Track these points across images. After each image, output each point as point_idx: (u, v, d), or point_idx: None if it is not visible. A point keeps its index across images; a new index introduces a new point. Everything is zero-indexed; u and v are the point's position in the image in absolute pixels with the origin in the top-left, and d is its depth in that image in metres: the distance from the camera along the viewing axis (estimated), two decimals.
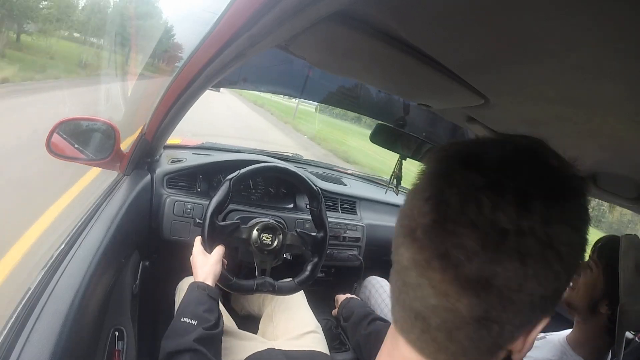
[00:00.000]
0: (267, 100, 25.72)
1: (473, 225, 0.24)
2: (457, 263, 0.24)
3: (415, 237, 0.27)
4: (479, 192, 0.25)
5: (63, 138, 0.91)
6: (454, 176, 0.26)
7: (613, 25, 0.25)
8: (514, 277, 0.24)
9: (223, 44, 0.43)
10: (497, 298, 0.24)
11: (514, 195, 0.24)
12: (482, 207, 0.24)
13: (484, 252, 0.24)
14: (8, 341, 0.48)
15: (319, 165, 1.61)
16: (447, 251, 0.25)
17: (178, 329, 0.65)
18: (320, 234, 0.98)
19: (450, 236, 0.25)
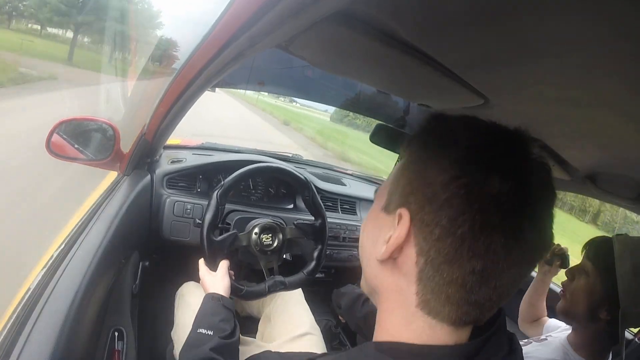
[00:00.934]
0: (261, 101, 26.02)
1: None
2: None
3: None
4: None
5: (63, 138, 0.91)
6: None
7: (613, 25, 0.25)
8: None
9: (223, 44, 0.43)
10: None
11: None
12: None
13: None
14: (8, 341, 0.48)
15: (318, 165, 1.61)
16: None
17: (195, 340, 0.66)
18: (319, 221, 0.98)
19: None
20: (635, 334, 1.01)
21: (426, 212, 0.30)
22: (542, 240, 0.31)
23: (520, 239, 0.29)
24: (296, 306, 1.01)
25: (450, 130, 0.33)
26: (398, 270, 0.33)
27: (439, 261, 0.30)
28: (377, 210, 0.37)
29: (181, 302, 0.96)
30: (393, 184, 0.36)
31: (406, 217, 0.31)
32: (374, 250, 0.35)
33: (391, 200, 0.35)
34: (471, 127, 0.32)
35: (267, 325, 0.99)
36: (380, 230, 0.35)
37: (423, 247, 0.31)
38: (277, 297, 1.02)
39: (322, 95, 1.22)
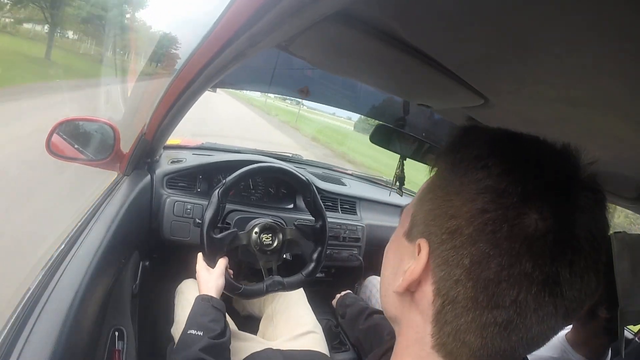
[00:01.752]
0: (275, 108, 25.53)
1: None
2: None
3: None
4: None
5: (63, 138, 0.91)
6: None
7: (613, 25, 0.25)
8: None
9: (223, 44, 0.43)
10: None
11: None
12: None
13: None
14: (8, 341, 0.48)
15: (318, 165, 1.61)
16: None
17: (185, 341, 0.66)
18: (319, 223, 0.98)
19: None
20: (635, 333, 1.01)
21: (447, 247, 0.27)
22: (583, 293, 0.26)
23: (556, 292, 0.25)
24: (298, 305, 1.01)
25: (482, 149, 0.28)
26: (415, 306, 0.30)
27: (457, 305, 0.27)
28: (399, 235, 0.34)
29: (180, 299, 0.96)
30: (417, 206, 0.32)
31: (425, 250, 0.28)
32: (393, 280, 0.32)
33: (414, 225, 0.31)
34: (506, 147, 0.28)
35: (269, 324, 0.99)
36: (401, 260, 0.32)
37: (441, 288, 0.27)
38: (279, 296, 1.02)
39: (322, 95, 1.22)
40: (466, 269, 0.26)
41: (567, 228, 0.25)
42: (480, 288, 0.25)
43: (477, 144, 0.29)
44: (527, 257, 0.24)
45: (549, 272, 0.24)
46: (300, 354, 0.84)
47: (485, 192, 0.26)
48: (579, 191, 0.26)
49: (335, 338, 1.09)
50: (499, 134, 0.29)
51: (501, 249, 0.25)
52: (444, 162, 0.31)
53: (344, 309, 0.98)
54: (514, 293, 0.25)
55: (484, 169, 0.26)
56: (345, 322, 0.97)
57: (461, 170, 0.28)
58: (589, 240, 0.25)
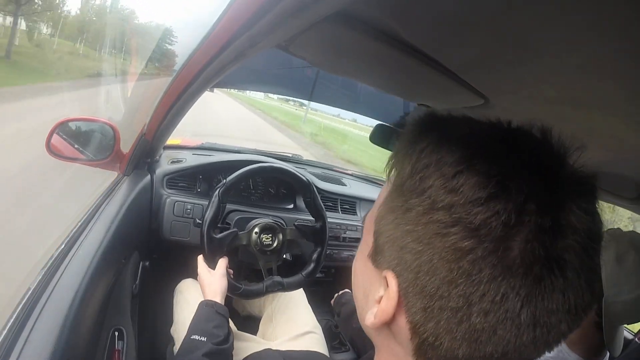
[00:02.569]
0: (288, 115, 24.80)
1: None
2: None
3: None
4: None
5: (63, 139, 0.91)
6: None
7: (613, 25, 0.25)
8: None
9: (223, 45, 0.43)
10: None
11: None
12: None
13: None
14: (8, 341, 0.48)
15: (318, 165, 1.61)
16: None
17: (188, 346, 0.66)
18: (319, 224, 0.98)
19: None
20: (635, 334, 1.01)
21: (418, 288, 0.24)
22: (578, 319, 0.24)
23: (548, 329, 0.23)
24: (298, 305, 1.01)
25: (448, 162, 0.23)
26: (393, 337, 0.28)
27: (439, 349, 0.24)
28: (364, 255, 0.30)
29: (179, 299, 0.96)
30: (379, 223, 0.28)
31: (393, 287, 0.25)
32: (366, 306, 0.29)
33: (377, 249, 0.28)
34: (476, 160, 0.22)
35: (269, 325, 0.99)
36: (371, 284, 0.29)
37: (417, 327, 0.25)
38: (278, 296, 1.02)
39: (322, 95, 1.22)
40: (444, 314, 0.23)
41: (559, 255, 0.22)
42: (462, 334, 0.23)
43: (442, 153, 0.23)
44: (514, 299, 0.21)
45: (539, 312, 0.22)
46: (300, 354, 0.84)
47: (457, 224, 0.22)
48: (570, 205, 0.22)
49: (334, 338, 1.09)
50: (467, 135, 0.24)
51: (482, 292, 0.22)
52: (402, 168, 0.26)
53: (339, 307, 0.98)
54: (500, 338, 0.23)
55: (452, 193, 0.22)
56: (341, 320, 0.97)
57: (424, 190, 0.23)
58: (584, 261, 0.22)
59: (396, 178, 0.27)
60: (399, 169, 0.27)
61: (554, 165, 0.23)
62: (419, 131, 0.26)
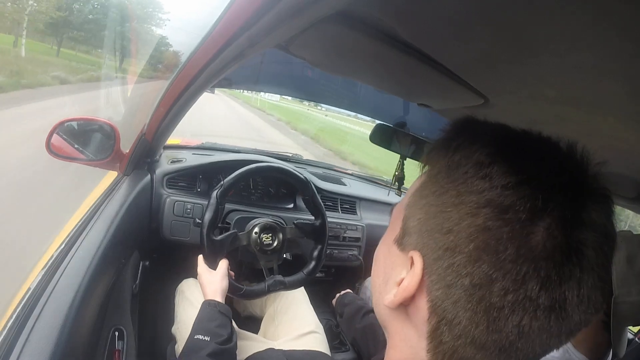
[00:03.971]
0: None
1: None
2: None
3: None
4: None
5: (63, 138, 0.91)
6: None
7: (613, 25, 0.25)
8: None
9: (222, 44, 0.43)
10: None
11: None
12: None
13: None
14: (8, 341, 0.48)
15: (318, 165, 1.61)
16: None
17: (192, 346, 0.66)
18: (319, 221, 0.98)
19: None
20: (635, 333, 1.01)
21: (444, 265, 0.25)
22: (589, 313, 0.24)
23: (562, 316, 0.24)
24: (300, 305, 1.01)
25: (482, 154, 0.25)
26: (409, 320, 0.28)
27: (455, 327, 0.25)
28: (390, 240, 0.31)
29: (181, 298, 0.96)
30: (409, 210, 0.29)
31: (419, 265, 0.26)
32: (384, 290, 0.30)
33: (406, 232, 0.29)
34: (509, 153, 0.25)
35: (270, 324, 0.99)
36: (392, 268, 0.30)
37: (437, 306, 0.26)
38: (280, 296, 1.02)
39: (322, 95, 1.22)
40: (465, 291, 0.24)
41: (577, 246, 0.23)
42: (481, 312, 0.24)
43: (476, 147, 0.26)
44: (534, 280, 0.23)
45: (556, 296, 0.23)
46: (302, 354, 0.84)
47: (488, 206, 0.23)
48: (591, 205, 0.24)
49: (335, 338, 1.09)
50: (501, 135, 0.27)
51: (505, 271, 0.23)
52: (437, 162, 0.28)
53: (342, 308, 0.98)
54: (517, 318, 0.23)
55: (485, 179, 0.24)
56: (343, 321, 0.97)
57: (458, 177, 0.25)
58: (599, 257, 0.24)
59: (431, 170, 0.29)
60: (433, 163, 0.29)
61: (577, 170, 0.25)
62: (455, 131, 0.29)
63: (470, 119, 0.30)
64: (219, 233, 0.88)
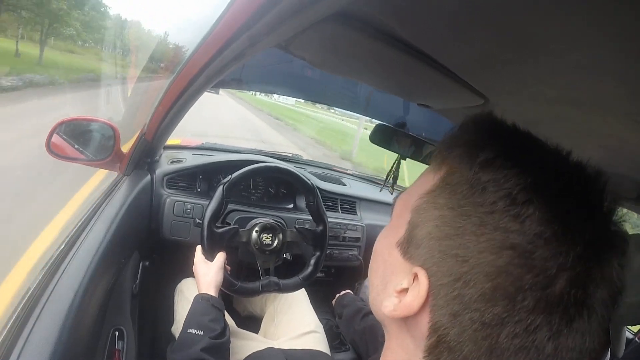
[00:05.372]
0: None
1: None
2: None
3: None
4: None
5: (63, 138, 0.91)
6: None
7: (613, 25, 0.25)
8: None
9: (223, 44, 0.43)
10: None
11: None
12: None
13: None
14: (8, 341, 0.48)
15: (318, 165, 1.61)
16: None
17: (185, 340, 0.66)
18: (320, 228, 0.98)
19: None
20: (635, 333, 1.01)
21: (452, 294, 0.24)
22: (592, 352, 0.24)
23: (572, 348, 0.23)
24: (300, 305, 1.01)
25: (516, 186, 0.23)
26: (407, 330, 0.28)
27: (455, 352, 0.24)
28: (392, 240, 0.30)
29: (180, 298, 0.96)
30: (418, 214, 0.27)
31: (424, 286, 0.25)
32: (382, 293, 0.30)
33: (412, 240, 0.27)
34: (546, 196, 0.23)
35: (270, 324, 0.99)
36: (393, 273, 0.29)
37: (439, 328, 0.25)
38: (280, 296, 1.02)
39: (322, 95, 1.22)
40: (472, 324, 0.23)
41: (590, 303, 0.23)
42: (484, 348, 0.23)
43: (510, 174, 0.23)
44: (545, 332, 0.22)
45: (562, 347, 0.23)
46: (302, 354, 0.84)
47: (514, 249, 0.22)
48: (611, 260, 0.23)
49: (335, 338, 1.09)
50: (538, 166, 0.24)
51: (519, 319, 0.22)
52: (457, 170, 0.26)
53: (341, 309, 0.98)
54: (524, 352, 0.23)
55: (517, 220, 0.22)
56: (342, 322, 0.97)
57: (484, 203, 0.23)
58: (607, 312, 0.24)
59: (449, 175, 0.27)
60: (453, 167, 0.27)
61: (605, 223, 0.24)
62: (482, 136, 0.27)
63: (501, 123, 0.28)
64: (220, 226, 0.88)
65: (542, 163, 0.25)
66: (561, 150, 0.26)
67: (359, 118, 9.85)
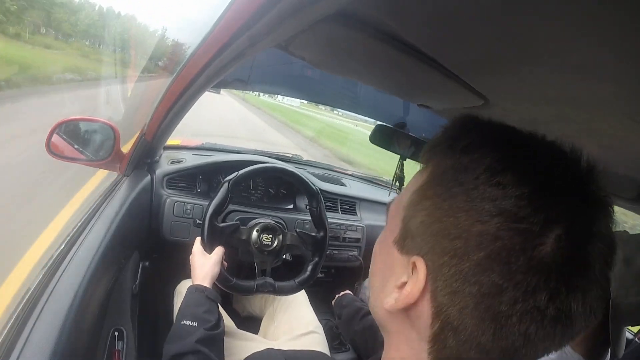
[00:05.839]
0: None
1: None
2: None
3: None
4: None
5: (63, 139, 0.91)
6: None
7: (613, 25, 0.25)
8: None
9: (223, 44, 0.43)
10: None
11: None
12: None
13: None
14: (8, 341, 0.48)
15: (318, 165, 1.61)
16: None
17: (179, 332, 0.65)
18: (320, 234, 0.98)
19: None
20: (635, 333, 1.01)
21: (450, 271, 0.24)
22: (591, 320, 0.25)
23: (567, 325, 0.24)
24: (300, 305, 1.01)
25: (494, 159, 0.25)
26: (410, 323, 0.28)
27: (460, 333, 0.25)
28: (388, 241, 0.30)
29: (179, 299, 0.96)
30: (410, 210, 0.28)
31: (422, 272, 0.26)
32: (383, 292, 0.30)
33: (407, 235, 0.28)
34: (521, 160, 0.24)
35: (270, 325, 0.99)
36: (392, 270, 0.29)
37: (441, 312, 0.25)
38: (280, 297, 1.02)
39: (322, 95, 1.22)
40: (473, 298, 0.24)
41: (585, 258, 0.23)
42: (489, 320, 0.24)
43: (486, 150, 0.25)
44: (544, 292, 0.23)
45: (562, 307, 0.23)
46: (302, 354, 0.84)
47: (501, 215, 0.23)
48: (599, 217, 0.24)
49: (335, 338, 1.09)
50: (509, 139, 0.27)
51: (516, 282, 0.23)
52: (442, 162, 0.28)
53: (340, 309, 0.98)
54: (524, 327, 0.23)
55: (499, 187, 0.24)
56: (342, 323, 0.97)
57: (468, 181, 0.25)
58: (603, 269, 0.24)
59: (435, 168, 0.28)
60: (438, 160, 0.28)
61: (586, 179, 0.25)
62: (461, 130, 0.28)
63: (474, 118, 0.29)
64: (221, 222, 0.88)
65: (518, 140, 0.27)
66: (535, 133, 0.28)
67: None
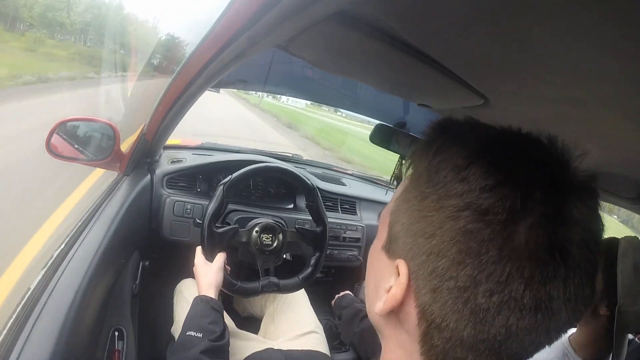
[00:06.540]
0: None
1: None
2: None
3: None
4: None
5: (63, 139, 0.91)
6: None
7: (613, 26, 0.25)
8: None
9: (223, 44, 0.43)
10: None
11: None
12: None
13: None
14: (8, 341, 0.48)
15: (318, 165, 1.61)
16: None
17: (184, 342, 0.66)
18: (320, 228, 0.98)
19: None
20: (635, 334, 1.01)
21: (429, 270, 0.25)
22: (578, 309, 0.25)
23: (549, 314, 0.24)
24: (300, 305, 1.01)
25: (460, 157, 0.25)
26: (401, 325, 0.29)
27: (444, 330, 0.25)
28: (378, 247, 0.32)
29: (179, 298, 0.96)
30: (394, 216, 0.30)
31: (404, 273, 0.27)
32: (375, 297, 0.31)
33: (392, 238, 0.29)
34: (486, 154, 0.24)
35: (270, 324, 0.99)
36: (381, 276, 0.30)
37: (425, 311, 0.26)
38: (280, 296, 1.02)
39: (322, 95, 1.22)
40: (451, 293, 0.24)
41: (561, 244, 0.23)
42: (468, 314, 0.24)
43: (455, 149, 0.26)
44: (518, 281, 0.23)
45: (540, 296, 0.23)
46: (302, 354, 0.84)
47: (467, 209, 0.23)
48: (573, 200, 0.24)
49: (335, 338, 1.09)
50: (480, 136, 0.27)
51: (489, 273, 0.23)
52: (419, 166, 0.28)
53: (340, 310, 0.98)
54: (503, 319, 0.23)
55: (464, 182, 0.24)
56: (342, 324, 0.97)
57: (439, 181, 0.25)
58: (584, 254, 0.24)
59: (413, 174, 0.29)
60: (415, 166, 0.29)
61: (559, 165, 0.25)
62: (435, 133, 0.29)
63: (450, 120, 0.30)
64: (220, 226, 0.88)
65: (488, 136, 0.27)
66: (511, 128, 0.28)
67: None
